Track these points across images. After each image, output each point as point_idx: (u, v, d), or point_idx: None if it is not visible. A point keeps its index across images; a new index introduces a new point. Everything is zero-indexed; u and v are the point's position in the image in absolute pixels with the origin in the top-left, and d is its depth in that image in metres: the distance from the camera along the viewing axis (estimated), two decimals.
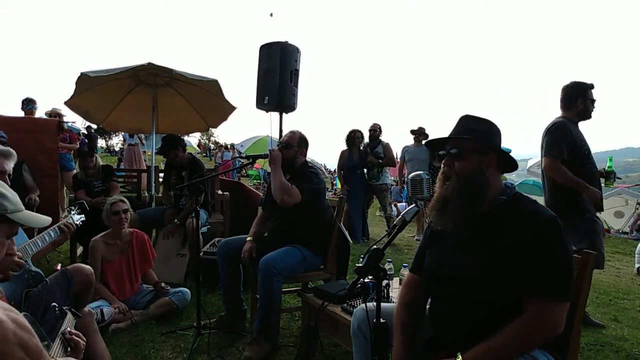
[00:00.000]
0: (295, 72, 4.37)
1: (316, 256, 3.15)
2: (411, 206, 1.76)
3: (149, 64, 5.03)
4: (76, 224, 2.55)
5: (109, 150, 35.39)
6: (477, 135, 1.68)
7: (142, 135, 10.70)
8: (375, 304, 1.75)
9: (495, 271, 1.54)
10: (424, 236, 1.95)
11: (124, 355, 2.78)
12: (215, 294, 3.84)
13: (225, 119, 6.39)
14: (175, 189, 4.75)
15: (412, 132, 7.45)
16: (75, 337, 1.60)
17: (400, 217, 1.74)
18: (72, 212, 2.62)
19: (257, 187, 14.90)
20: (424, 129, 7.47)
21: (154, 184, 5.95)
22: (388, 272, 2.92)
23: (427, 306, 1.86)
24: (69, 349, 1.58)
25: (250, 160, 3.41)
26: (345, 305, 2.51)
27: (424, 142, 7.39)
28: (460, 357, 1.48)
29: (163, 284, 3.58)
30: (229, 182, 6.29)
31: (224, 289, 3.31)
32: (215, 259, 3.51)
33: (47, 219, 1.57)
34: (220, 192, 5.41)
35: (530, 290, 1.48)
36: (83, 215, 2.70)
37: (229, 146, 21.70)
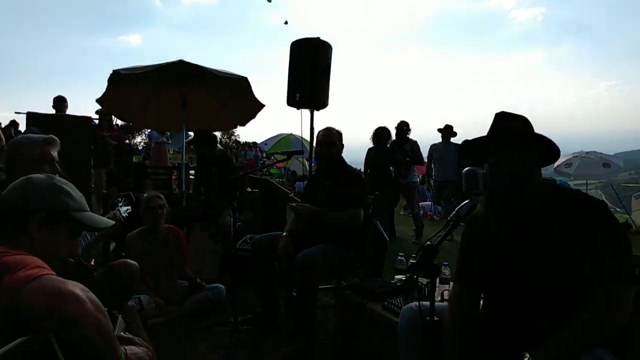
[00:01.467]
0: (327, 69, 4.35)
1: (352, 253, 3.12)
2: (465, 202, 1.71)
3: (180, 61, 5.07)
4: (123, 216, 2.57)
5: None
6: (517, 132, 1.65)
7: (168, 134, 10.82)
8: (424, 303, 1.73)
9: (555, 264, 1.51)
10: (465, 240, 1.90)
11: (162, 351, 2.79)
12: (249, 289, 3.84)
13: (253, 116, 6.40)
14: (207, 184, 4.77)
15: (440, 130, 7.36)
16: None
17: (454, 212, 1.70)
18: (120, 204, 2.64)
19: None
20: (451, 127, 7.38)
21: (184, 181, 5.99)
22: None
23: (481, 309, 1.82)
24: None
25: (286, 156, 3.40)
26: (386, 303, 2.48)
27: (461, 141, 7.29)
28: (528, 357, 1.43)
29: (199, 280, 3.60)
30: (258, 179, 6.30)
31: (258, 285, 3.30)
32: (249, 255, 3.52)
33: (109, 221, 1.57)
34: (249, 189, 5.43)
35: (597, 277, 1.44)
36: (130, 207, 2.71)
37: (251, 145, 21.84)
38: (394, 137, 6.77)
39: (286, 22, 10.82)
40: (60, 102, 6.89)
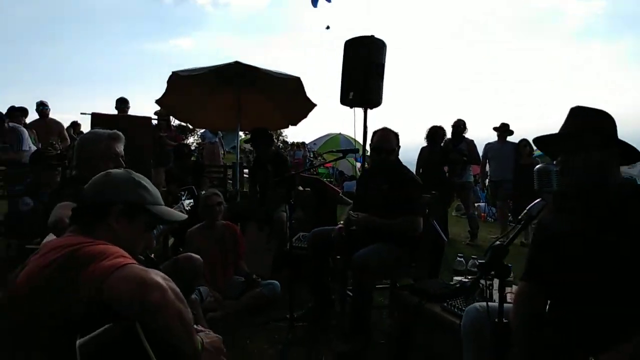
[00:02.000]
0: (382, 67, 4.30)
1: (408, 253, 3.08)
2: (537, 200, 1.64)
3: (236, 63, 5.19)
4: (186, 209, 2.64)
5: None
6: (593, 128, 1.57)
7: (221, 134, 11.10)
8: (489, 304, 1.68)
9: (631, 267, 1.43)
10: (535, 239, 1.82)
11: None
12: (303, 287, 3.87)
13: (305, 116, 6.46)
14: (264, 183, 4.85)
15: (496, 129, 7.14)
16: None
17: (525, 211, 1.64)
18: (183, 197, 2.72)
19: None
20: (508, 126, 7.14)
21: (238, 179, 6.12)
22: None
23: (548, 310, 1.76)
24: None
25: (340, 155, 3.39)
26: (446, 304, 2.42)
27: (513, 138, 7.07)
28: None
29: (255, 276, 3.66)
30: (309, 178, 6.33)
31: (312, 280, 3.32)
32: (303, 253, 3.55)
33: (182, 215, 1.62)
34: (301, 188, 5.47)
35: None
36: (192, 200, 2.79)
37: (299, 144, 21.99)
38: (448, 135, 6.64)
39: (328, 27, 10.80)
40: (122, 103, 7.22)
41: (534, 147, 7.31)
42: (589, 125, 1.59)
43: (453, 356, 2.74)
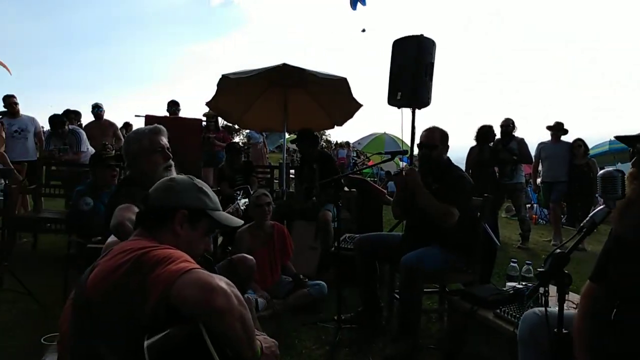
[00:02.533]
0: (431, 66, 4.24)
1: (459, 257, 3.01)
2: (601, 207, 1.58)
3: (284, 64, 5.24)
4: (242, 209, 2.69)
5: None
6: None
7: (265, 134, 11.27)
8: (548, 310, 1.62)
9: None
10: (607, 243, 1.74)
11: None
12: (350, 288, 3.87)
13: (351, 116, 6.45)
14: (309, 182, 4.89)
15: (549, 127, 6.87)
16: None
17: (588, 218, 1.57)
18: (239, 197, 2.77)
19: None
20: (562, 124, 6.85)
21: (285, 179, 6.19)
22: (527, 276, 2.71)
23: (612, 317, 1.68)
24: None
25: (390, 156, 3.36)
26: (499, 311, 2.36)
27: (567, 137, 6.79)
28: None
29: (302, 276, 3.69)
30: (355, 178, 6.31)
31: (360, 284, 3.31)
32: (350, 254, 3.54)
33: (239, 220, 1.66)
34: (347, 188, 5.47)
35: None
36: (247, 200, 2.84)
37: (344, 144, 21.98)
38: (498, 135, 6.45)
39: (364, 30, 10.72)
40: (173, 106, 7.47)
41: (589, 147, 7.01)
42: None
43: None
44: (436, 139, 3.12)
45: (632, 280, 1.55)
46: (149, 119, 6.11)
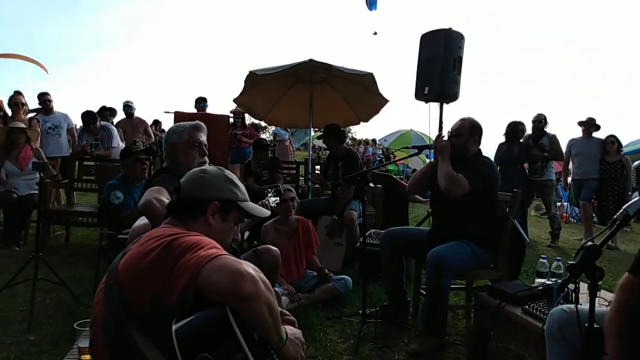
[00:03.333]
0: (459, 60, 4.17)
1: (486, 253, 2.96)
2: (635, 199, 1.52)
3: (310, 60, 5.25)
4: (272, 206, 2.73)
5: None
6: None
7: (290, 131, 11.34)
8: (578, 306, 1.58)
9: None
10: None
11: None
12: (375, 283, 3.87)
13: (377, 112, 6.42)
14: (333, 178, 4.90)
15: (581, 123, 6.68)
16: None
17: (621, 210, 1.52)
18: (269, 195, 2.81)
19: None
20: (594, 120, 6.65)
21: (310, 176, 6.21)
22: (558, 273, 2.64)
23: None
24: None
25: (417, 150, 3.34)
26: (527, 307, 2.31)
27: (599, 133, 6.60)
28: None
29: (327, 270, 3.70)
30: (380, 175, 6.29)
31: (386, 279, 3.30)
32: (375, 249, 3.53)
33: (266, 211, 1.70)
34: (372, 184, 5.45)
35: None
36: (278, 198, 2.88)
37: (369, 141, 21.90)
38: (529, 131, 6.31)
39: (375, 33, 10.62)
40: (201, 102, 7.57)
41: (622, 144, 6.78)
42: None
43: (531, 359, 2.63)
44: (464, 127, 3.08)
45: None
46: (178, 115, 6.21)
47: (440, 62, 4.15)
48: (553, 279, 2.64)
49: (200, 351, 1.13)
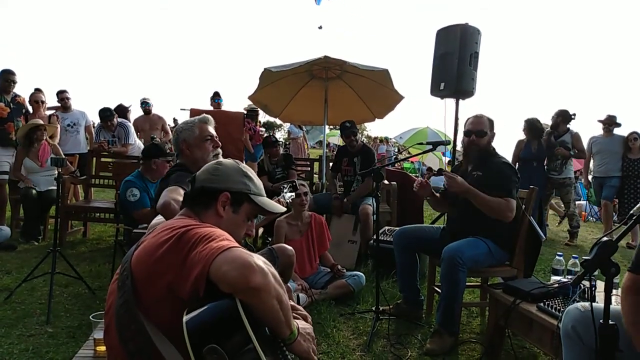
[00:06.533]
0: (475, 55, 4.12)
1: (502, 250, 2.92)
2: None
3: (325, 57, 5.25)
4: (287, 202, 2.73)
5: None
6: None
7: (305, 129, 11.33)
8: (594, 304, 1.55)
9: None
10: None
11: None
12: (389, 281, 3.85)
13: (392, 109, 6.40)
14: (349, 175, 4.89)
15: (601, 121, 6.55)
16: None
17: (638, 205, 1.49)
18: (285, 190, 2.81)
19: None
20: (614, 118, 6.52)
21: (325, 172, 6.20)
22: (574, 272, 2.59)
23: None
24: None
25: (431, 146, 3.30)
26: (542, 304, 2.28)
27: (620, 131, 6.47)
28: None
29: (339, 267, 3.70)
30: (395, 172, 6.27)
31: (400, 277, 3.28)
32: (389, 246, 3.51)
33: (281, 207, 1.68)
34: (386, 182, 5.42)
35: None
36: (293, 194, 2.88)
37: (383, 139, 21.79)
38: (549, 127, 6.21)
39: (320, 27, 10.53)
40: (215, 97, 7.60)
41: None
42: None
43: (546, 357, 2.59)
44: (485, 124, 3.04)
45: None
46: (194, 112, 6.26)
47: (456, 58, 4.11)
48: (569, 277, 2.59)
49: (210, 343, 1.13)
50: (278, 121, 11.29)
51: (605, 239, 1.46)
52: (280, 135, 39.65)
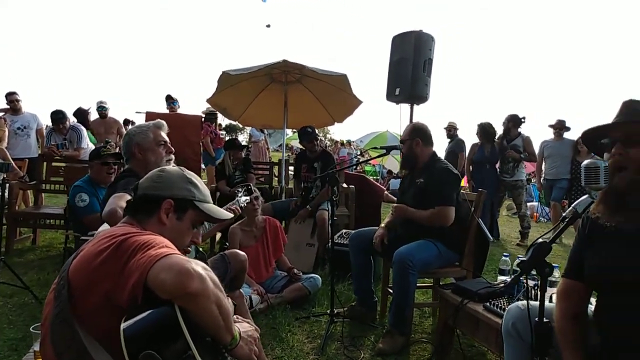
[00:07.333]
0: (429, 62, 4.24)
1: (452, 252, 3.01)
2: (583, 197, 1.57)
3: (284, 61, 5.25)
4: (241, 206, 2.71)
5: None
6: None
7: (266, 132, 11.28)
8: (532, 303, 1.62)
9: None
10: (579, 236, 1.74)
11: (262, 337, 2.89)
12: (344, 283, 3.89)
13: (351, 113, 6.46)
14: (309, 180, 4.90)
15: (552, 126, 6.84)
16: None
17: (571, 208, 1.57)
18: (240, 194, 2.79)
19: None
20: (564, 122, 6.82)
21: (284, 176, 6.20)
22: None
23: (591, 311, 1.68)
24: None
25: (384, 151, 3.37)
26: (488, 304, 2.36)
27: (570, 135, 6.77)
28: None
29: (296, 270, 3.71)
30: (353, 175, 6.33)
31: (355, 279, 3.32)
32: (345, 250, 3.55)
33: (228, 214, 1.68)
34: (345, 185, 5.48)
35: None
36: (248, 198, 2.86)
37: (345, 142, 21.98)
38: (501, 132, 6.44)
39: (268, 26, 10.76)
40: (170, 100, 7.48)
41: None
42: None
43: (493, 355, 2.68)
44: (405, 132, 3.19)
45: (608, 273, 1.54)
46: (150, 116, 6.14)
47: (410, 64, 4.21)
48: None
49: (147, 350, 1.12)
50: (239, 124, 11.24)
51: (540, 240, 1.53)
52: (242, 139, 39.46)
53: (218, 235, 5.22)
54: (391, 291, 3.10)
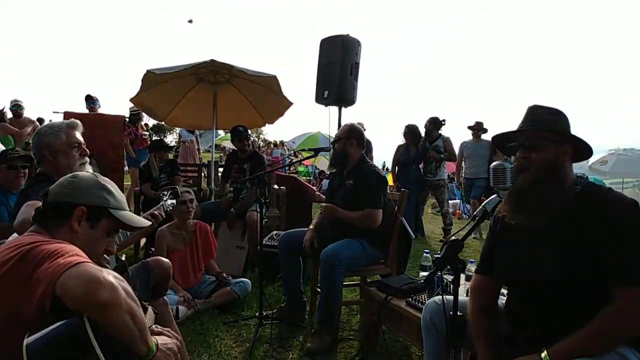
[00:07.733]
0: (356, 66, 4.34)
1: (377, 250, 3.11)
2: (492, 196, 1.69)
3: (212, 60, 5.15)
4: (167, 210, 2.62)
5: None
6: (550, 125, 1.62)
7: (197, 132, 10.99)
8: (447, 297, 1.72)
9: (578, 263, 1.47)
10: (490, 234, 1.87)
11: (189, 343, 2.84)
12: (274, 285, 3.89)
13: (282, 114, 6.45)
14: (238, 181, 4.84)
15: (470, 127, 7.24)
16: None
17: (481, 207, 1.68)
18: (165, 198, 2.69)
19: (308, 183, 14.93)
20: (482, 124, 7.24)
21: (213, 178, 6.08)
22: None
23: (503, 303, 1.81)
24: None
25: (313, 153, 3.41)
26: (410, 299, 2.46)
27: (487, 136, 7.18)
28: (545, 352, 1.41)
29: (225, 274, 3.66)
30: (285, 176, 6.34)
31: (284, 280, 3.33)
32: (275, 251, 3.55)
33: (145, 221, 1.63)
34: (276, 186, 5.47)
35: (619, 281, 1.40)
36: (174, 201, 2.77)
37: (278, 143, 21.94)
38: (424, 133, 6.72)
39: (190, 21, 10.87)
40: (90, 101, 7.07)
41: None
42: (545, 122, 1.63)
43: (417, 350, 2.80)
44: (342, 131, 3.26)
45: (517, 268, 1.66)
46: (68, 116, 5.78)
47: (338, 67, 4.29)
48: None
49: None
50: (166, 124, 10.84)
51: (453, 238, 1.63)
52: (172, 139, 38.15)
53: (143, 241, 5.03)
54: (319, 289, 3.15)
